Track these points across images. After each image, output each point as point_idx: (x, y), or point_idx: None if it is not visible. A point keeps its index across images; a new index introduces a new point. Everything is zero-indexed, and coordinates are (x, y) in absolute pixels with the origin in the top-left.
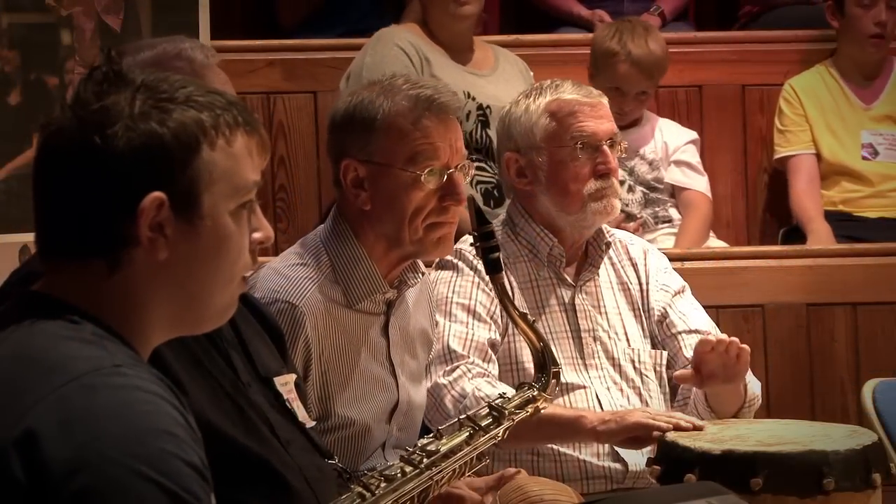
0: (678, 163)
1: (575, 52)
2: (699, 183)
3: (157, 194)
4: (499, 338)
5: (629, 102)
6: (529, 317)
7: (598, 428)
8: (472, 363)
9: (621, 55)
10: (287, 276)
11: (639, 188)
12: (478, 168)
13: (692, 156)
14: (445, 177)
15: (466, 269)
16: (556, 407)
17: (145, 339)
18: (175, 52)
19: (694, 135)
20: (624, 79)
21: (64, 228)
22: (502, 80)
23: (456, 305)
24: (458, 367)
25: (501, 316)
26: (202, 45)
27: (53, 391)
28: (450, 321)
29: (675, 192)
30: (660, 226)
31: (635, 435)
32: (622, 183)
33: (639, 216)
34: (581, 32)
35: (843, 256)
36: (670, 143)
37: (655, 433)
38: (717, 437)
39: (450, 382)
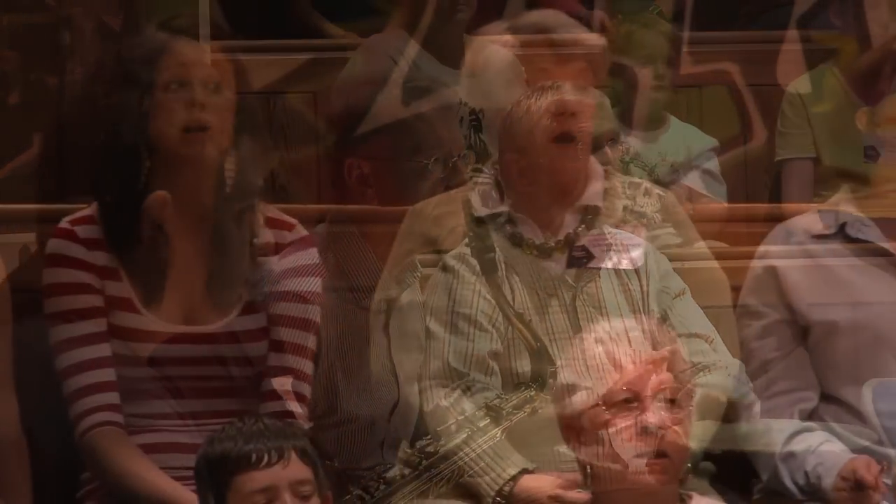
0: (698, 168)
1: (574, 51)
2: (718, 193)
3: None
4: (501, 347)
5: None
6: (526, 316)
7: None
8: (473, 381)
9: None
10: None
11: (655, 191)
12: (473, 170)
13: (714, 164)
14: (450, 165)
15: (468, 276)
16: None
17: None
18: (161, 46)
19: (715, 142)
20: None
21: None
22: (497, 80)
23: (457, 315)
24: (458, 386)
25: (503, 321)
26: (187, 39)
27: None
28: (450, 334)
29: (691, 196)
30: (665, 224)
31: None
32: (638, 185)
33: (649, 217)
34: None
35: (842, 256)
36: (692, 147)
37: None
38: (717, 436)
39: (451, 405)
